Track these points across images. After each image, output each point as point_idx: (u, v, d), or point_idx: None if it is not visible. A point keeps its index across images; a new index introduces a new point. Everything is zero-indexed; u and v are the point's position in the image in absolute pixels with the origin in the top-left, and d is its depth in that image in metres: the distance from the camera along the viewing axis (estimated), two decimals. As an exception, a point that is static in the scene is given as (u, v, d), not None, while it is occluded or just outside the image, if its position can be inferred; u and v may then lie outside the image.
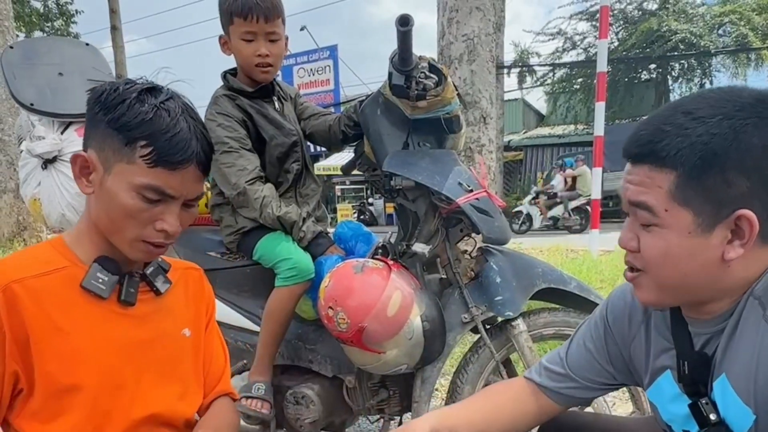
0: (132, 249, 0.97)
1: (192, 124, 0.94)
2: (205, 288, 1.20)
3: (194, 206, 1.01)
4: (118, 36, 15.84)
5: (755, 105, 0.78)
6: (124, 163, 0.91)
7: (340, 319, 1.50)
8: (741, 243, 0.80)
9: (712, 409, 0.89)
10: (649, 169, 0.82)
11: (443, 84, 1.56)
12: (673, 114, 0.81)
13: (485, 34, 5.28)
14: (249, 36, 1.71)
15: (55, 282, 0.94)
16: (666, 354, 0.97)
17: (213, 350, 1.20)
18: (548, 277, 1.69)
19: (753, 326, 0.82)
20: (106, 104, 0.91)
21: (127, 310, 1.01)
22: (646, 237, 0.84)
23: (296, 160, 1.85)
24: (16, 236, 8.81)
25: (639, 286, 0.90)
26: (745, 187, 0.77)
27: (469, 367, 1.68)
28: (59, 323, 0.93)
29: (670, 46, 17.56)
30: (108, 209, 0.94)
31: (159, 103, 0.91)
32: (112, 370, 0.97)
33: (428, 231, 1.66)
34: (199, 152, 0.94)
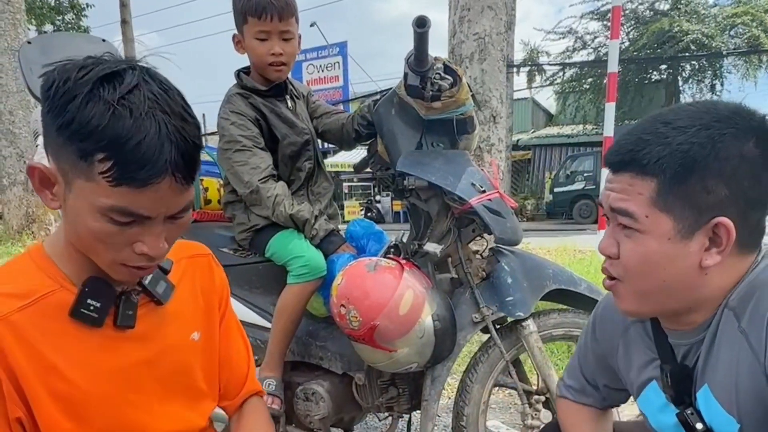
0: (113, 272, 0.83)
1: (163, 121, 0.72)
2: (216, 276, 1.07)
3: (182, 217, 0.82)
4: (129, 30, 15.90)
5: (732, 117, 0.81)
6: (83, 180, 0.73)
7: (352, 317, 1.51)
8: (718, 250, 0.81)
9: (698, 418, 0.91)
10: (631, 176, 0.84)
11: (458, 85, 1.57)
12: (653, 124, 0.84)
13: (497, 33, 5.27)
14: (263, 35, 1.72)
15: (41, 313, 0.81)
16: (651, 365, 0.99)
17: (231, 346, 1.10)
18: (559, 279, 1.70)
19: (730, 337, 0.84)
20: (54, 103, 0.71)
21: (126, 332, 0.89)
22: (627, 243, 0.86)
23: (308, 158, 1.86)
24: (25, 229, 8.90)
25: (618, 295, 0.91)
26: (723, 195, 0.79)
27: (479, 366, 1.69)
28: (52, 360, 0.81)
29: (681, 46, 17.44)
30: (76, 229, 0.79)
31: (118, 98, 0.70)
32: (116, 401, 0.88)
33: (440, 231, 1.67)
34: (174, 160, 0.73)
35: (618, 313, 1.03)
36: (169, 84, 0.77)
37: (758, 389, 0.80)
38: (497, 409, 2.74)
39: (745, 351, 0.81)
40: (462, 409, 1.69)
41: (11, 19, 8.67)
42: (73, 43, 2.13)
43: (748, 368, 0.80)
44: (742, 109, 0.82)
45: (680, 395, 0.93)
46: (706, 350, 0.88)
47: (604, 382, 1.14)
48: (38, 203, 8.82)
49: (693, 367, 0.92)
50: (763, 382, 0.78)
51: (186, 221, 0.84)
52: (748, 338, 0.80)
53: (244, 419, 1.12)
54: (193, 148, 0.76)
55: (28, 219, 8.98)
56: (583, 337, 1.18)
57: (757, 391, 0.80)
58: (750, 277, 0.84)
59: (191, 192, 0.81)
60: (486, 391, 1.69)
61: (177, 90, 0.78)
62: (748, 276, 0.84)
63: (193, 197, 0.83)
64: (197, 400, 1.01)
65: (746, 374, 0.81)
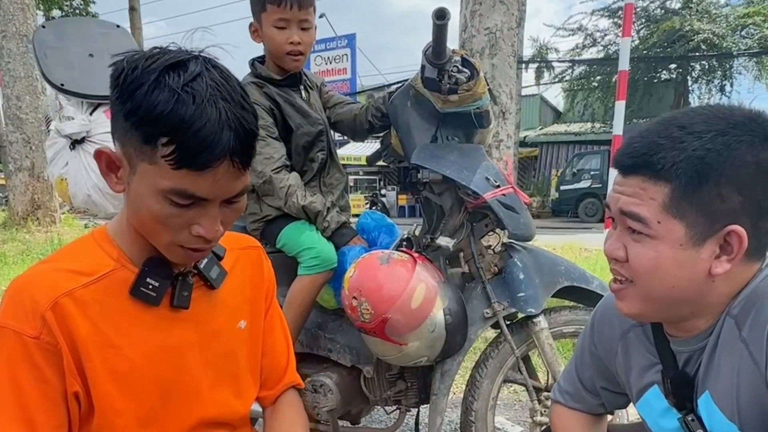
0: (170, 253, 0.87)
1: (224, 108, 0.76)
2: (265, 269, 1.10)
3: (237, 202, 0.85)
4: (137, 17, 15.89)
5: (748, 123, 0.80)
6: (146, 163, 0.77)
7: (364, 310, 1.51)
8: (728, 258, 0.81)
9: (699, 425, 0.90)
10: (643, 180, 0.82)
11: (475, 78, 1.56)
12: (668, 128, 0.82)
13: (508, 28, 5.24)
14: (282, 23, 1.71)
15: (103, 290, 0.85)
16: (652, 369, 0.99)
17: (275, 338, 1.12)
18: (571, 275, 1.69)
19: (731, 346, 0.83)
20: (124, 90, 0.76)
21: (179, 313, 0.92)
22: (636, 247, 0.85)
23: (321, 149, 1.86)
24: (30, 215, 8.92)
25: (624, 297, 0.90)
26: (738, 203, 0.78)
27: (489, 362, 1.69)
28: (111, 338, 0.85)
29: (691, 46, 17.35)
30: (138, 212, 0.83)
31: (182, 85, 0.74)
32: (168, 381, 0.90)
33: (453, 225, 1.67)
34: (232, 145, 0.76)
35: (617, 317, 1.02)
36: (229, 73, 0.80)
37: (759, 397, 0.79)
38: (502, 406, 2.74)
39: (746, 360, 0.80)
40: (471, 404, 1.69)
41: (20, 4, 8.68)
42: (87, 28, 2.13)
43: (749, 377, 0.80)
44: (758, 116, 0.81)
45: (681, 401, 0.93)
46: (708, 358, 0.88)
47: (602, 385, 1.13)
48: (43, 189, 8.85)
49: (694, 374, 0.91)
50: (764, 391, 0.78)
51: (241, 206, 0.87)
52: (748, 347, 0.80)
53: (280, 412, 1.12)
54: (251, 135, 0.80)
55: (33, 205, 9.01)
56: (581, 341, 1.17)
57: (757, 400, 0.80)
58: (752, 285, 0.83)
59: (247, 177, 0.84)
60: (495, 386, 1.68)
61: (236, 79, 0.81)
62: (751, 284, 0.84)
63: (249, 183, 0.86)
64: (242, 388, 1.03)
65: (747, 382, 0.80)
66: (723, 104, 0.87)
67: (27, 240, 7.88)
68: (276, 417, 1.12)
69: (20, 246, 7.34)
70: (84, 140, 1.94)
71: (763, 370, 0.77)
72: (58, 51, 2.02)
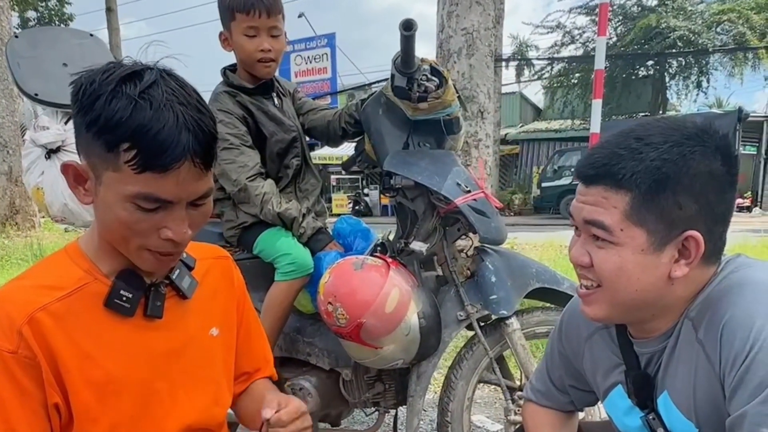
0: (140, 260, 0.89)
1: (181, 112, 0.78)
2: (235, 278, 1.12)
3: (204, 204, 0.88)
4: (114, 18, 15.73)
5: (700, 134, 0.85)
6: (111, 171, 0.80)
7: (339, 315, 1.53)
8: (687, 262, 0.85)
9: (659, 423, 0.95)
10: (605, 189, 0.86)
11: (444, 87, 1.59)
12: (626, 139, 0.87)
13: (485, 28, 5.29)
14: (251, 31, 1.72)
15: (78, 303, 0.87)
16: (617, 370, 1.03)
17: (251, 342, 1.15)
18: (542, 277, 1.74)
19: (688, 347, 0.88)
20: (83, 104, 0.79)
21: (153, 322, 0.94)
22: (600, 253, 0.88)
23: (296, 155, 1.88)
24: (9, 219, 8.81)
25: (592, 302, 0.94)
26: (694, 210, 0.83)
27: (464, 363, 1.73)
28: (87, 349, 0.87)
29: (668, 42, 17.60)
30: (106, 221, 0.85)
31: (139, 92, 0.77)
32: (145, 389, 0.92)
33: (426, 230, 1.70)
34: (192, 146, 0.79)
35: (583, 320, 1.06)
36: (185, 81, 0.84)
37: (714, 396, 0.84)
38: (483, 405, 2.78)
39: (702, 360, 0.85)
40: (447, 405, 1.72)
41: (-6, 6, 8.54)
42: (61, 37, 2.12)
43: (705, 376, 0.85)
44: (708, 128, 0.86)
45: (643, 400, 0.98)
46: (667, 358, 0.93)
47: (571, 384, 1.18)
48: (22, 194, 8.73)
49: (655, 374, 0.96)
50: (719, 390, 0.83)
51: (207, 209, 0.90)
52: (704, 348, 0.84)
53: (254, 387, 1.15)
54: (209, 137, 0.83)
55: (12, 209, 8.89)
56: (550, 342, 1.22)
57: (713, 398, 0.84)
58: (708, 289, 0.88)
59: (210, 179, 0.87)
60: (470, 387, 1.72)
61: (192, 87, 0.85)
62: (707, 288, 0.88)
63: (212, 185, 0.88)
64: (219, 394, 1.05)
65: (703, 382, 0.85)
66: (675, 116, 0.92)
67: (6, 245, 7.77)
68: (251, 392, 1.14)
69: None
70: (59, 149, 1.94)
71: (717, 370, 0.82)
72: (31, 61, 2.02)
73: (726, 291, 0.85)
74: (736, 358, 0.78)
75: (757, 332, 0.77)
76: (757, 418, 0.75)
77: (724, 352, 0.80)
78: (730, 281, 0.86)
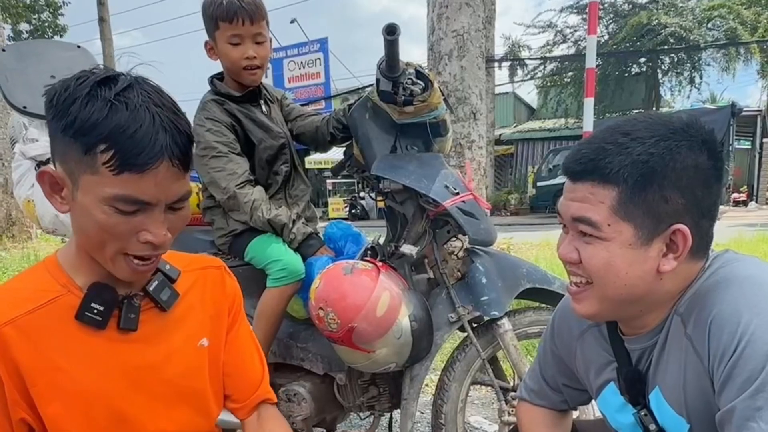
0: (116, 267, 0.87)
1: (157, 113, 0.79)
2: (227, 286, 1.10)
3: (182, 208, 0.88)
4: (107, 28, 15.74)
5: (686, 129, 0.85)
6: (88, 174, 0.79)
7: (331, 320, 1.54)
8: (675, 256, 0.86)
9: (651, 419, 0.96)
10: (592, 185, 0.87)
11: (430, 90, 1.60)
12: (612, 134, 0.87)
13: (475, 29, 5.30)
14: (236, 39, 1.73)
15: (48, 315, 0.87)
16: (608, 367, 1.04)
17: (243, 352, 1.12)
18: (533, 277, 1.74)
19: (678, 342, 0.88)
20: (58, 109, 0.79)
21: (129, 335, 0.93)
22: (588, 249, 0.89)
23: (285, 162, 1.88)
24: (6, 231, 8.78)
25: (582, 299, 0.94)
26: (681, 204, 0.84)
27: (456, 365, 1.73)
28: (57, 361, 0.86)
29: (660, 39, 17.67)
30: (84, 226, 0.84)
31: (114, 95, 0.78)
32: (120, 403, 0.92)
33: (416, 232, 1.71)
34: (169, 146, 0.79)
35: (574, 318, 1.07)
36: (159, 86, 0.85)
37: (704, 391, 0.84)
38: (480, 405, 2.79)
39: (691, 355, 0.85)
40: (441, 407, 1.72)
41: (-14, 19, 8.53)
42: (48, 50, 2.12)
43: (694, 372, 0.85)
44: (693, 123, 0.87)
45: (635, 397, 0.98)
46: (657, 354, 0.93)
47: (564, 382, 1.19)
48: (17, 205, 8.71)
49: (646, 371, 0.96)
50: (708, 385, 0.83)
51: (186, 213, 0.90)
52: (693, 343, 0.85)
53: (267, 425, 1.13)
54: (186, 138, 0.83)
55: (8, 221, 8.87)
56: (543, 341, 1.22)
57: (703, 393, 0.85)
58: (697, 285, 0.88)
59: (188, 182, 0.87)
60: (464, 389, 1.72)
61: (167, 92, 0.86)
62: (695, 283, 0.89)
63: (190, 188, 0.89)
64: (205, 404, 1.04)
65: (693, 377, 0.86)
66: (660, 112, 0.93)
67: (3, 257, 7.74)
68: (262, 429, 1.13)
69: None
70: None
71: (706, 364, 0.82)
72: (19, 74, 2.02)
73: (713, 286, 0.85)
74: (724, 353, 0.79)
75: (745, 327, 0.77)
76: (745, 412, 0.75)
77: (712, 347, 0.81)
78: (717, 277, 0.87)
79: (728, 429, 0.78)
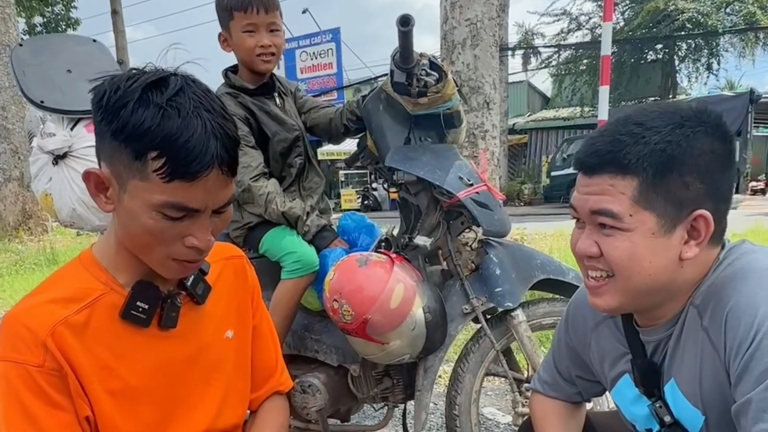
0: (163, 268, 0.88)
1: (208, 119, 0.79)
2: (249, 276, 1.12)
3: (225, 211, 0.88)
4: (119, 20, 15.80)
5: (698, 115, 0.85)
6: (137, 180, 0.79)
7: (345, 311, 1.55)
8: (697, 242, 0.86)
9: (666, 411, 0.95)
10: (611, 177, 0.86)
11: (444, 81, 1.59)
12: (626, 126, 0.87)
13: (488, 18, 5.26)
14: (250, 27, 1.74)
15: (94, 315, 0.88)
16: (623, 359, 1.04)
17: (263, 342, 1.14)
18: (547, 268, 1.73)
19: (694, 334, 0.88)
20: (108, 111, 0.78)
21: (169, 331, 0.94)
22: (609, 241, 0.88)
23: (299, 154, 1.89)
24: (22, 225, 8.92)
25: (603, 293, 0.93)
26: (700, 189, 0.84)
27: (470, 356, 1.73)
28: (104, 360, 0.88)
29: (676, 25, 17.37)
30: (129, 229, 0.84)
31: (166, 101, 0.77)
32: (162, 396, 0.94)
33: (430, 224, 1.71)
34: (220, 153, 0.79)
35: (589, 310, 1.06)
36: (208, 88, 0.84)
37: (720, 383, 0.84)
38: (493, 396, 2.79)
39: (707, 347, 0.85)
40: (454, 399, 1.73)
41: (1, 14, 8.62)
42: (64, 44, 2.14)
43: (710, 363, 0.85)
44: (704, 109, 0.87)
45: (650, 389, 0.98)
46: (673, 346, 0.93)
47: (578, 374, 1.18)
48: (34, 199, 8.83)
49: (661, 363, 0.96)
50: (724, 377, 0.83)
51: (229, 215, 0.90)
52: (709, 335, 0.85)
53: (259, 416, 1.14)
54: (234, 143, 0.83)
55: (24, 215, 9.00)
56: (557, 333, 1.22)
57: (718, 385, 0.84)
58: (713, 276, 0.88)
59: (233, 186, 0.88)
60: (478, 380, 1.73)
61: (214, 94, 0.85)
62: (711, 274, 0.88)
63: (234, 191, 0.89)
64: (234, 397, 1.06)
65: (708, 369, 0.85)
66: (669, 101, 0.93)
67: (20, 250, 7.87)
68: (256, 420, 1.14)
69: (13, 257, 7.33)
70: (66, 155, 1.97)
71: (722, 356, 0.82)
72: (36, 68, 2.04)
73: (730, 278, 0.85)
74: (740, 345, 0.78)
75: (762, 318, 0.77)
76: (762, 404, 0.75)
77: (729, 338, 0.80)
78: (734, 268, 0.86)
79: (744, 421, 0.77)
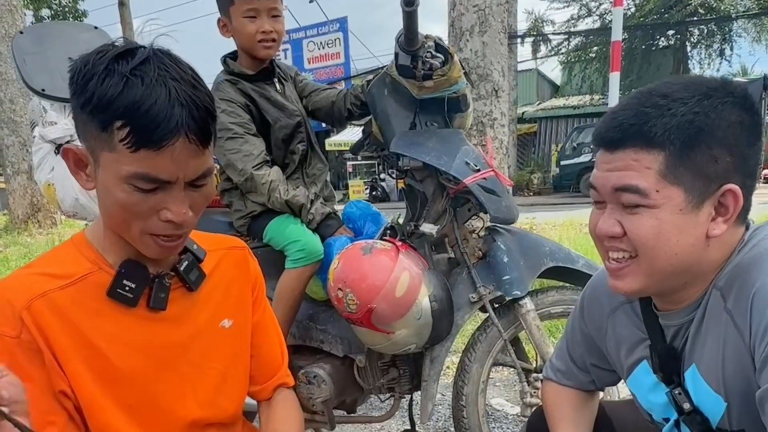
0: (142, 245, 0.87)
1: (174, 87, 0.77)
2: (251, 267, 1.11)
3: (204, 185, 0.86)
4: (126, 12, 15.81)
5: (724, 86, 0.82)
6: (106, 151, 0.79)
7: (350, 300, 1.52)
8: (724, 219, 0.82)
9: (685, 398, 0.91)
10: (635, 151, 0.81)
11: (450, 63, 1.55)
12: (650, 98, 0.82)
13: (497, 4, 5.18)
14: (251, 12, 1.71)
15: (80, 292, 0.87)
16: (641, 345, 1.00)
17: (266, 334, 1.13)
18: (556, 256, 1.70)
19: (717, 317, 0.84)
20: (78, 85, 0.78)
21: (158, 314, 0.93)
22: (633, 219, 0.83)
23: (301, 140, 1.85)
24: (30, 217, 8.97)
25: (626, 274, 0.88)
26: (729, 163, 0.80)
27: (478, 346, 1.70)
28: (89, 337, 0.87)
29: (688, 10, 17.13)
30: (107, 205, 0.84)
31: (130, 70, 0.76)
32: (147, 379, 0.92)
33: (436, 211, 1.67)
34: (186, 121, 0.77)
35: (605, 295, 1.03)
36: (179, 58, 0.82)
37: (744, 368, 0.80)
38: (501, 387, 2.77)
39: (731, 330, 0.81)
40: (461, 389, 1.70)
41: (8, 5, 8.63)
42: (65, 32, 2.12)
43: (734, 347, 0.81)
44: (729, 81, 0.83)
45: (669, 376, 0.94)
46: (695, 330, 0.89)
47: (592, 362, 1.15)
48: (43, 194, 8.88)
49: (681, 348, 0.92)
50: (748, 361, 0.79)
51: (209, 190, 0.88)
52: (733, 318, 0.81)
53: (275, 409, 1.14)
54: (205, 112, 0.81)
55: (33, 208, 9.05)
56: (571, 319, 1.18)
57: (742, 370, 0.80)
58: (737, 258, 0.84)
59: (208, 158, 0.85)
60: (485, 370, 1.70)
61: (188, 64, 0.83)
62: (736, 256, 0.84)
63: (212, 165, 0.86)
64: (229, 386, 1.04)
65: (732, 353, 0.81)
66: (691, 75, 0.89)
67: (29, 243, 7.92)
68: (271, 414, 1.14)
69: (22, 249, 7.38)
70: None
71: (747, 340, 0.78)
72: (37, 56, 2.02)
73: (756, 259, 0.81)
74: (767, 328, 0.74)
75: None
76: None
77: (755, 322, 0.76)
78: (760, 248, 0.82)
79: None
